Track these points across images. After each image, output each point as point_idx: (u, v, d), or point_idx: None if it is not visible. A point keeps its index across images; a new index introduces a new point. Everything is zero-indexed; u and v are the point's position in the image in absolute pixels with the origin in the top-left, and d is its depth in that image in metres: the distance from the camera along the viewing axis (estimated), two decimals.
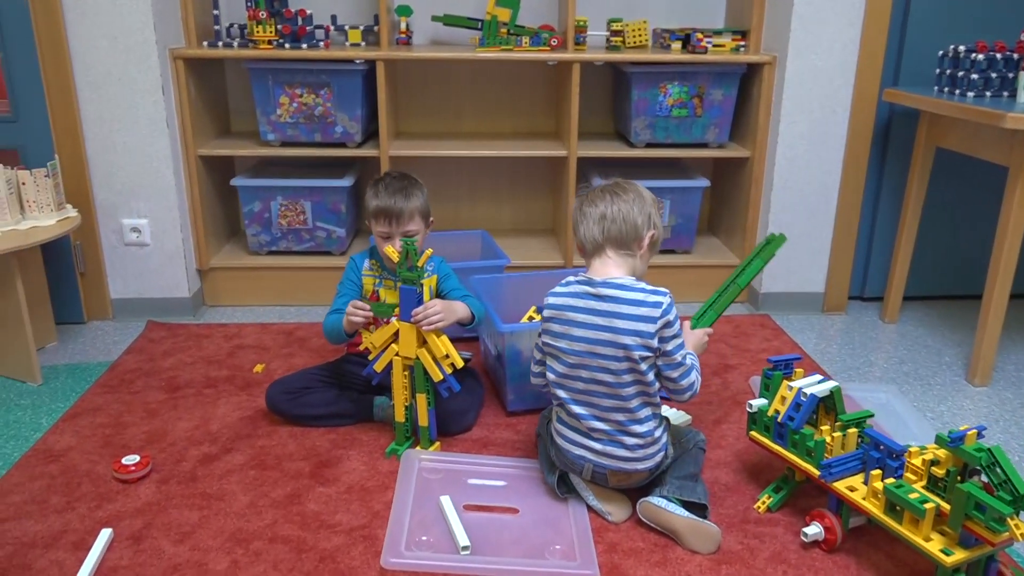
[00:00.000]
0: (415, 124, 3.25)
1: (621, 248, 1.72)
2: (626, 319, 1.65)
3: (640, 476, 1.76)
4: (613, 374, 1.67)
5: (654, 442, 1.73)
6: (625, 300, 1.66)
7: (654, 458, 1.74)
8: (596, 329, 1.67)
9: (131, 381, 2.39)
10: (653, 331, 1.64)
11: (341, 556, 1.65)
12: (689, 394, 1.73)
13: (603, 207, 1.71)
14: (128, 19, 2.55)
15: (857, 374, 2.53)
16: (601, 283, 1.68)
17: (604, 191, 1.74)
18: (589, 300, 1.69)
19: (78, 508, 1.80)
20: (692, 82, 2.86)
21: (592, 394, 1.71)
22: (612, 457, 1.72)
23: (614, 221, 1.70)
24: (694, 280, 3.04)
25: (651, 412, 1.73)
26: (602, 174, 3.02)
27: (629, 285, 1.68)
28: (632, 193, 1.74)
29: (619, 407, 1.70)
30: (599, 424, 1.71)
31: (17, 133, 2.60)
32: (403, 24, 3.04)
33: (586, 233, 1.73)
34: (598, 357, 1.68)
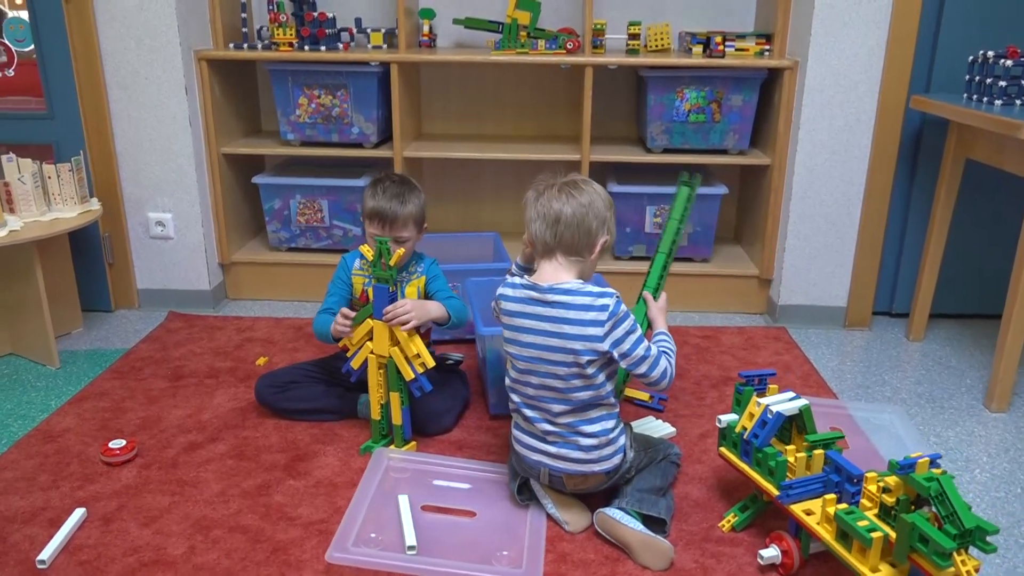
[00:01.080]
0: (438, 126, 3.29)
1: (572, 254, 1.69)
2: (574, 324, 1.63)
3: (597, 479, 1.73)
4: (562, 379, 1.66)
5: (609, 443, 1.70)
6: (572, 305, 1.64)
7: (610, 460, 1.71)
8: (544, 335, 1.66)
9: (140, 368, 2.49)
10: (602, 335, 1.62)
11: (293, 549, 1.68)
12: (666, 381, 1.73)
13: (558, 208, 1.66)
14: (154, 21, 2.66)
15: (866, 393, 2.42)
16: (548, 289, 1.66)
17: (561, 191, 1.68)
18: (536, 306, 1.67)
19: (62, 487, 1.89)
20: (710, 87, 2.79)
21: (542, 399, 1.69)
22: (567, 460, 1.69)
23: (568, 226, 1.66)
24: (712, 289, 2.97)
25: (604, 413, 1.70)
26: (618, 179, 2.99)
27: (575, 290, 1.65)
28: (588, 196, 1.68)
29: (569, 411, 1.68)
30: (551, 427, 1.70)
31: (52, 129, 2.75)
32: (426, 27, 3.07)
33: (538, 233, 1.69)
34: (546, 363, 1.66)
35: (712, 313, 3.00)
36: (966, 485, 1.96)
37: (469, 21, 2.99)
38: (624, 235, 2.98)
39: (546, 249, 1.69)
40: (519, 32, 2.93)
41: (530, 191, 1.74)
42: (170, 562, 1.64)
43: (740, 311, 3.00)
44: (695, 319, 2.94)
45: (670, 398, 2.32)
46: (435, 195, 3.35)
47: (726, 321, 2.93)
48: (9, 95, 2.77)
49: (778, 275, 2.88)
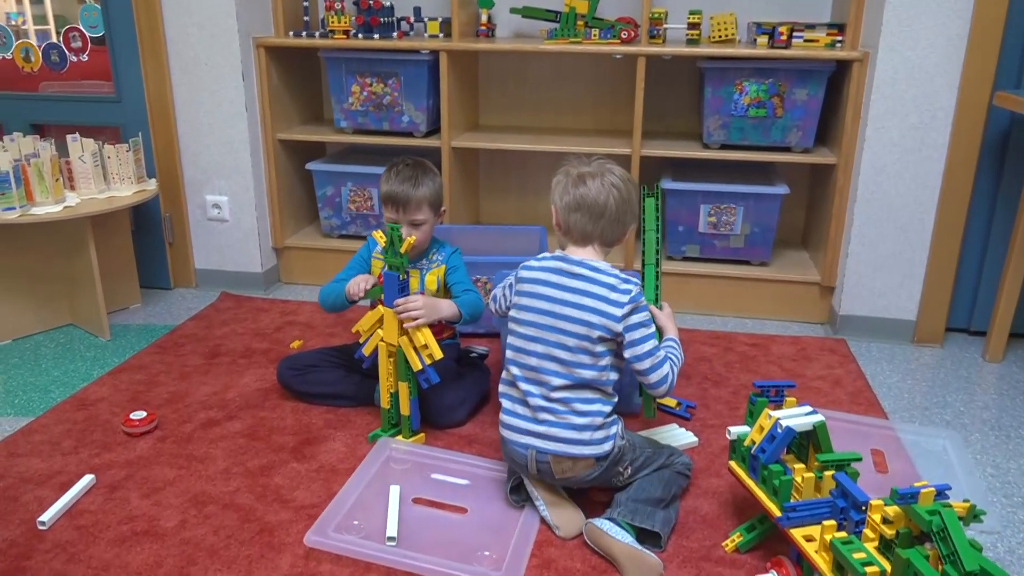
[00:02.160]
0: (495, 118, 3.24)
1: (606, 245, 1.74)
2: (595, 298, 1.63)
3: (586, 465, 1.65)
4: (569, 351, 1.64)
5: (601, 426, 1.65)
6: (598, 281, 1.65)
7: (601, 445, 1.64)
8: (562, 304, 1.65)
9: (181, 345, 2.57)
10: (619, 315, 1.62)
11: (280, 531, 1.67)
12: (664, 387, 1.69)
13: (603, 202, 1.66)
14: (214, 8, 2.73)
15: (924, 415, 2.21)
16: (578, 262, 1.68)
17: (603, 182, 1.67)
18: (562, 276, 1.68)
19: (81, 453, 1.96)
20: (772, 80, 2.62)
21: (543, 370, 1.66)
22: (556, 440, 1.64)
23: (610, 221, 1.68)
24: (769, 295, 2.80)
25: (601, 397, 1.67)
26: (674, 175, 2.86)
27: (604, 269, 1.67)
28: (624, 186, 1.69)
29: (568, 386, 1.65)
30: (544, 403, 1.66)
31: (119, 112, 2.87)
32: (484, 16, 3.03)
33: (576, 222, 1.69)
34: (557, 331, 1.65)
35: (768, 320, 2.82)
36: (1018, 524, 1.76)
37: (526, 10, 2.93)
38: (677, 234, 2.85)
39: (584, 237, 1.71)
40: (576, 21, 2.85)
41: (560, 175, 1.74)
42: (160, 534, 1.66)
43: (799, 320, 2.82)
44: (747, 325, 2.78)
45: (700, 406, 2.20)
46: (489, 187, 3.32)
47: (781, 329, 2.75)
48: (83, 79, 2.91)
49: (840, 283, 2.68)
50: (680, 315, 2.85)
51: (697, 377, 2.37)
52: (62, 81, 2.94)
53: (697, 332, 2.69)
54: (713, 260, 2.87)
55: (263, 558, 1.59)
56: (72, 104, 2.92)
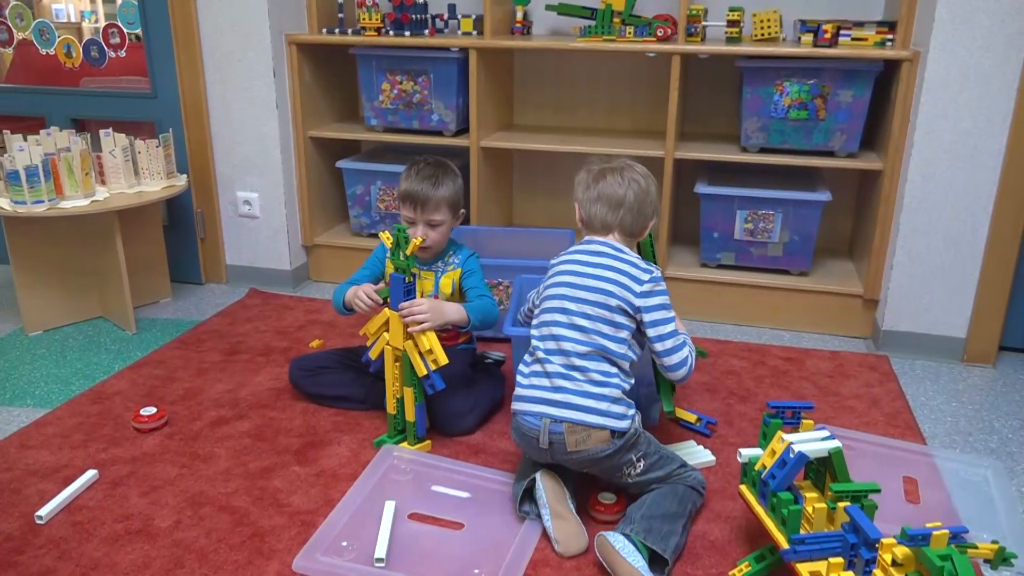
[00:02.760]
0: (531, 117, 3.17)
1: (627, 235, 1.78)
2: (616, 271, 1.68)
3: (601, 439, 1.59)
4: (590, 320, 1.66)
5: (619, 400, 1.63)
6: (621, 258, 1.70)
7: (619, 420, 1.60)
8: (584, 276, 1.70)
9: (203, 340, 2.57)
10: (638, 291, 1.66)
11: (271, 537, 1.64)
12: (684, 370, 1.70)
13: (621, 193, 1.73)
14: (247, 5, 2.73)
15: (967, 441, 2.06)
16: (601, 242, 1.75)
17: (623, 176, 1.75)
18: (586, 255, 1.74)
19: (89, 448, 1.96)
20: (815, 80, 2.49)
21: (563, 339, 1.67)
22: (573, 408, 1.61)
23: (629, 210, 1.74)
24: (809, 306, 2.66)
25: (619, 372, 1.66)
26: (712, 179, 2.75)
27: (626, 251, 1.73)
28: (645, 181, 1.76)
29: (589, 353, 1.65)
30: (564, 370, 1.65)
31: (155, 108, 2.90)
32: (519, 13, 2.97)
33: (598, 213, 1.75)
34: (579, 301, 1.68)
35: (806, 333, 2.69)
36: None
37: (562, 7, 2.85)
38: (712, 241, 2.73)
39: (604, 227, 1.76)
40: (612, 18, 2.76)
41: (582, 173, 1.80)
42: (153, 533, 1.65)
43: (840, 334, 2.67)
44: (784, 338, 2.65)
45: (722, 423, 2.09)
46: (524, 188, 3.25)
47: (820, 344, 2.61)
48: (121, 75, 2.95)
49: (884, 296, 2.53)
50: (712, 325, 2.74)
51: (723, 391, 2.26)
52: (102, 77, 2.99)
53: (728, 344, 2.57)
54: (749, 269, 2.75)
55: (250, 564, 1.56)
56: (109, 100, 2.96)
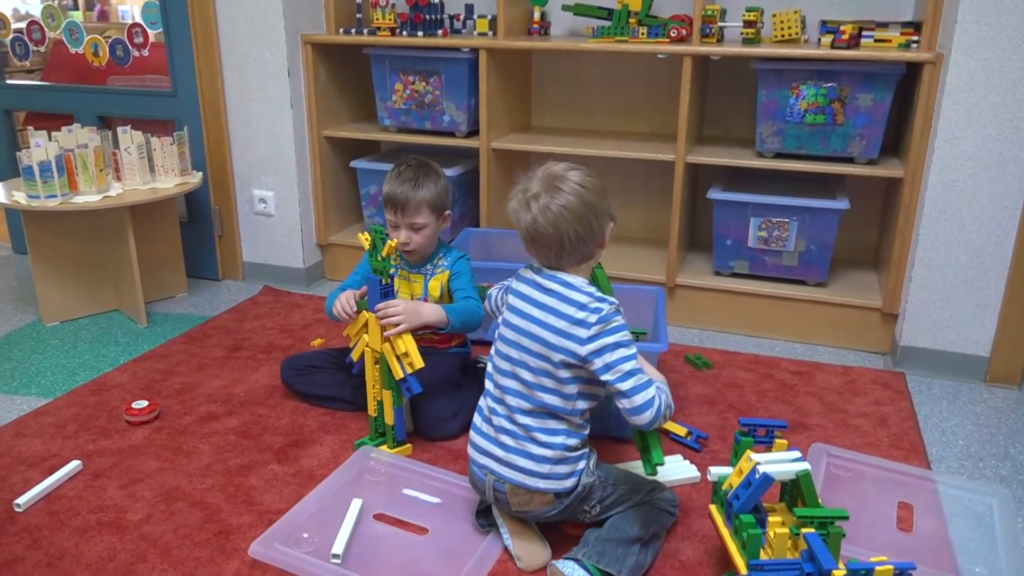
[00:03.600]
0: (548, 119, 3.13)
1: (582, 262, 1.54)
2: (560, 317, 1.48)
3: (544, 501, 1.52)
4: (532, 372, 1.51)
5: (563, 460, 1.50)
6: (567, 299, 1.49)
7: (562, 480, 1.50)
8: (528, 320, 1.52)
9: (209, 336, 2.60)
10: (584, 337, 1.45)
11: (236, 535, 1.64)
12: (649, 413, 1.43)
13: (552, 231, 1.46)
14: (262, 4, 2.75)
15: (978, 467, 1.94)
16: (550, 276, 1.53)
17: (549, 206, 1.45)
18: (534, 290, 1.54)
19: (80, 438, 2.00)
20: (833, 83, 2.39)
21: (508, 390, 1.54)
22: (514, 468, 1.51)
23: (572, 245, 1.48)
24: (825, 319, 2.56)
25: (567, 428, 1.51)
26: (728, 185, 2.67)
27: (576, 285, 1.51)
28: (577, 196, 1.46)
29: (531, 410, 1.51)
30: (509, 425, 1.53)
31: (175, 106, 2.95)
32: (536, 14, 2.93)
33: (536, 255, 1.54)
34: (521, 350, 1.52)
35: (822, 346, 2.58)
36: None
37: (578, 7, 2.81)
38: (725, 248, 2.65)
39: (550, 265, 1.54)
40: (628, 19, 2.70)
41: (512, 200, 1.53)
42: (123, 526, 1.66)
43: (857, 348, 2.56)
44: (797, 351, 2.55)
45: (715, 437, 2.01)
46: None
47: (835, 358, 2.50)
48: (144, 73, 3.01)
49: (904, 310, 2.41)
50: (723, 335, 2.65)
51: (722, 404, 2.18)
52: (127, 75, 3.06)
53: (736, 355, 2.49)
54: (764, 278, 2.65)
55: (211, 562, 1.56)
56: (133, 98, 3.03)
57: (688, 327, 2.72)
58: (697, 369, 2.39)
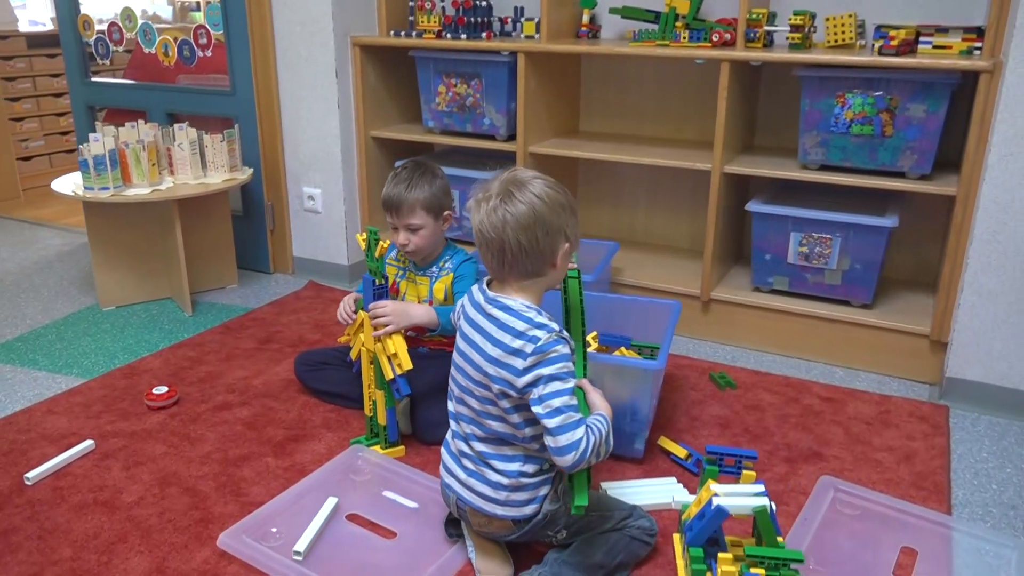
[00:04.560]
0: (597, 124, 3.07)
1: (527, 278, 1.44)
2: (498, 346, 1.40)
3: (503, 526, 1.48)
4: (477, 400, 1.46)
5: (521, 487, 1.45)
6: (506, 326, 1.41)
7: (520, 508, 1.46)
8: (472, 346, 1.46)
9: (246, 328, 2.69)
10: (521, 368, 1.37)
11: (216, 524, 1.68)
12: (572, 456, 1.33)
13: (499, 232, 1.38)
14: (314, 6, 2.82)
15: (1007, 516, 1.77)
16: (491, 299, 1.45)
17: (496, 208, 1.39)
18: (478, 314, 1.47)
19: (101, 419, 2.10)
20: (881, 92, 2.23)
21: (461, 416, 1.51)
22: (473, 492, 1.48)
23: (516, 253, 1.39)
24: (868, 344, 2.40)
25: (522, 455, 1.46)
26: (772, 197, 2.55)
27: (516, 311, 1.42)
28: (529, 205, 1.38)
29: (483, 438, 1.47)
30: (467, 449, 1.50)
31: (234, 104, 3.07)
32: (586, 17, 2.88)
33: (485, 261, 1.46)
34: (467, 378, 1.47)
35: (863, 372, 2.42)
36: None
37: (626, 10, 2.74)
38: (763, 263, 2.52)
39: (497, 277, 1.47)
40: (675, 22, 2.61)
41: (470, 198, 1.48)
42: (115, 507, 1.74)
43: (901, 376, 2.39)
44: (835, 375, 2.40)
45: None
46: (588, 198, 3.15)
47: (874, 385, 2.34)
48: (208, 73, 3.15)
49: (952, 338, 2.23)
50: (757, 354, 2.53)
51: (737, 427, 2.08)
52: (194, 74, 3.20)
53: (766, 376, 2.37)
54: (804, 296, 2.51)
55: (184, 548, 1.61)
56: (196, 96, 3.17)
57: (722, 343, 2.61)
58: (720, 388, 2.29)
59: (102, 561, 1.57)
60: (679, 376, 2.36)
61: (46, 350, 2.53)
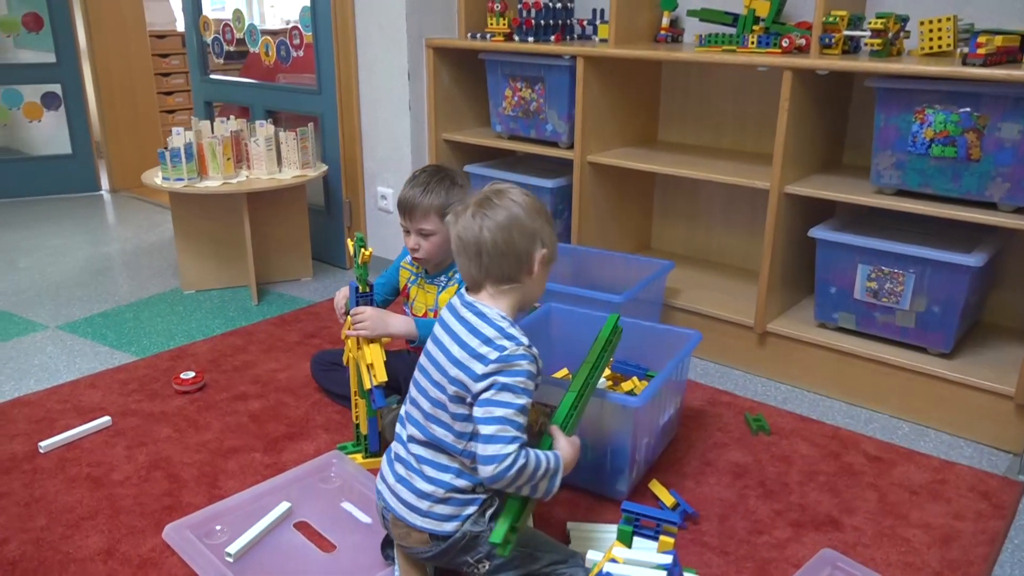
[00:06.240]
0: (675, 134, 2.87)
1: (503, 283, 1.43)
2: (464, 349, 1.38)
3: (420, 540, 1.41)
4: (431, 403, 1.43)
5: (445, 501, 1.39)
6: (475, 330, 1.39)
7: (440, 523, 1.39)
8: (438, 346, 1.44)
9: (298, 321, 2.76)
10: (480, 372, 1.34)
11: (177, 513, 1.72)
12: (492, 468, 1.29)
13: (475, 235, 1.40)
14: (390, 9, 2.85)
15: None
16: (468, 303, 1.45)
17: (474, 214, 1.41)
18: (452, 316, 1.46)
19: (130, 398, 2.22)
20: (969, 108, 1.91)
21: (409, 418, 1.48)
22: (397, 498, 1.43)
23: (493, 256, 1.39)
24: (943, 399, 2.07)
25: (457, 468, 1.40)
26: (844, 224, 2.27)
27: (491, 318, 1.40)
28: (505, 210, 1.40)
29: (423, 442, 1.43)
30: (404, 452, 1.46)
31: (319, 103, 3.16)
32: (665, 20, 2.71)
33: (461, 267, 1.46)
34: (427, 378, 1.44)
35: (934, 431, 2.09)
36: None
37: (704, 12, 2.54)
38: (828, 296, 2.25)
39: (473, 283, 1.46)
40: (753, 25, 2.39)
41: (448, 216, 1.50)
42: (101, 484, 1.83)
43: (980, 441, 2.04)
44: (899, 431, 2.09)
45: (715, 519, 1.72)
46: (664, 213, 2.97)
47: (940, 448, 2.02)
48: (302, 72, 3.26)
49: None
50: (813, 397, 2.27)
51: (750, 480, 1.86)
52: (289, 74, 3.33)
53: (813, 424, 2.10)
54: (872, 337, 2.21)
55: (140, 533, 1.66)
56: (288, 94, 3.30)
57: (776, 381, 2.35)
58: (752, 433, 2.06)
59: (65, 535, 1.65)
60: (711, 413, 2.15)
61: (118, 327, 2.72)
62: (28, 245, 3.61)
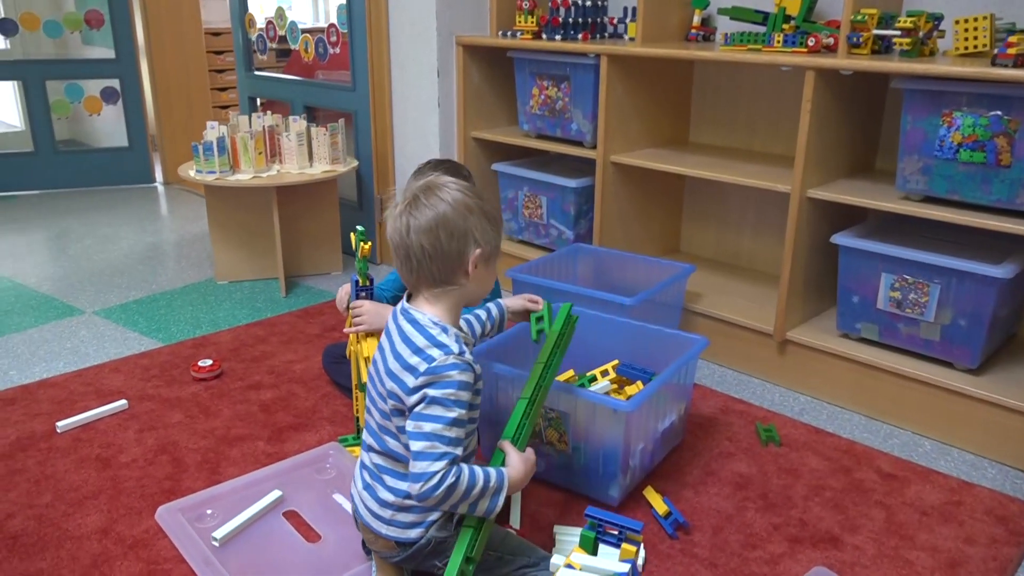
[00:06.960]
0: (706, 135, 2.81)
1: (437, 286, 1.37)
2: (397, 359, 1.35)
3: (386, 546, 1.41)
4: (380, 414, 1.41)
5: (407, 509, 1.37)
6: (407, 339, 1.36)
7: (404, 530, 1.38)
8: (381, 357, 1.41)
9: (321, 314, 2.80)
10: (412, 385, 1.31)
11: (175, 497, 1.75)
12: (419, 485, 1.26)
13: (402, 237, 1.33)
14: (421, 7, 2.86)
15: None
16: (404, 310, 1.41)
17: (402, 213, 1.34)
18: (393, 323, 1.43)
19: (149, 383, 2.29)
20: (1000, 111, 1.81)
21: (368, 426, 1.46)
22: (364, 506, 1.43)
23: (421, 259, 1.33)
24: (968, 417, 1.97)
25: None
26: (869, 231, 2.19)
27: (423, 325, 1.36)
28: (433, 209, 1.32)
29: (381, 452, 1.42)
30: (368, 460, 1.46)
31: (353, 100, 3.20)
32: (697, 18, 2.65)
33: (399, 268, 1.40)
34: (375, 388, 1.42)
35: (957, 450, 2.00)
36: None
37: (735, 11, 2.48)
38: (850, 306, 2.17)
39: (411, 287, 1.42)
40: (783, 23, 2.32)
41: (386, 211, 1.41)
42: (108, 465, 1.88)
43: (1002, 461, 1.94)
44: (920, 449, 2.00)
45: (709, 531, 1.67)
46: (693, 216, 2.91)
47: (961, 468, 1.92)
48: (338, 69, 3.31)
49: None
50: (832, 409, 2.19)
51: (751, 491, 1.80)
52: (327, 70, 3.38)
53: (828, 437, 2.03)
54: (896, 350, 2.12)
55: (137, 515, 1.70)
56: (325, 90, 3.35)
57: (795, 391, 2.28)
58: (761, 443, 2.00)
59: (67, 513, 1.71)
60: (721, 421, 2.10)
61: (150, 314, 2.81)
62: (80, 233, 3.76)
